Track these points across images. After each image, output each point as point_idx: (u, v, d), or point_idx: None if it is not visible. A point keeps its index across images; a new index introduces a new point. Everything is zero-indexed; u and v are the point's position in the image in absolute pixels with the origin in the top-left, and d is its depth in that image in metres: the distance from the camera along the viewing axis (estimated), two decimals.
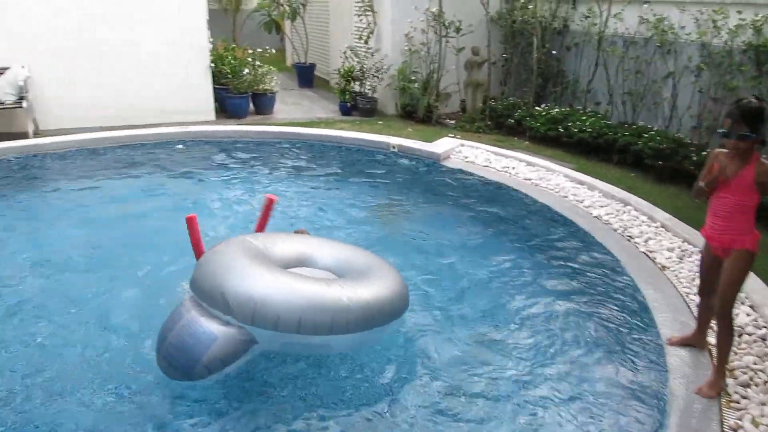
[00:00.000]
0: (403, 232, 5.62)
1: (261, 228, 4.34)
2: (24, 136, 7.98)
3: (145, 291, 4.29)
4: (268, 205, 4.31)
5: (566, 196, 6.15)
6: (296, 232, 4.45)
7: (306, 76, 12.84)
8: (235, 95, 9.39)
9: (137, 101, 8.85)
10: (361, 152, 7.98)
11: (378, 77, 9.89)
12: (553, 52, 9.21)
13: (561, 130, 8.15)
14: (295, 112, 10.12)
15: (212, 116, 9.29)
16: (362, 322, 3.05)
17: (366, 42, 10.04)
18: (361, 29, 10.25)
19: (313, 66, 13.01)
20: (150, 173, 7.09)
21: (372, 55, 9.92)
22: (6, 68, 7.95)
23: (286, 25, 13.62)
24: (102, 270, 4.63)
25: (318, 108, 10.66)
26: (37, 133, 8.16)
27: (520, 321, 4.08)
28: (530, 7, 9.35)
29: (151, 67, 8.83)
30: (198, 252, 4.09)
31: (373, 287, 3.20)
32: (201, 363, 2.91)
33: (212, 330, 2.95)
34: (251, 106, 9.75)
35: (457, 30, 9.36)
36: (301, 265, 3.49)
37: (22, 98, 7.84)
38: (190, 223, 4.10)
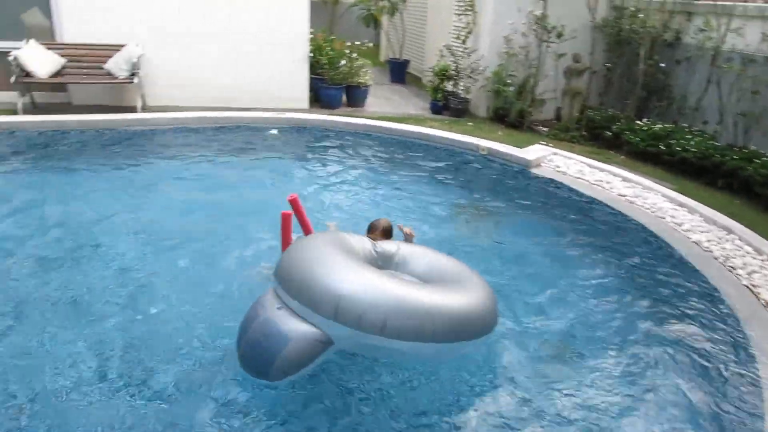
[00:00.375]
0: (486, 237, 5.53)
1: (307, 229, 4.37)
2: (132, 110, 8.47)
3: (229, 264, 4.49)
4: (295, 207, 4.35)
5: (663, 217, 5.83)
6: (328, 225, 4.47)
7: (399, 72, 12.87)
8: (330, 86, 9.54)
9: (237, 85, 9.17)
10: (450, 152, 7.91)
11: (472, 78, 9.76)
12: (662, 64, 8.75)
13: (662, 147, 7.74)
14: (386, 107, 10.17)
15: (306, 105, 9.48)
16: (449, 333, 2.91)
17: (463, 42, 9.93)
18: (459, 28, 10.14)
19: (406, 62, 13.03)
20: (243, 155, 7.34)
21: (468, 56, 9.80)
22: (122, 45, 8.43)
23: (384, 20, 13.68)
24: (191, 242, 4.85)
25: (409, 104, 10.66)
26: (144, 108, 8.63)
27: (605, 342, 3.90)
28: (640, 16, 8.92)
29: (253, 53, 9.11)
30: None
31: (464, 298, 3.06)
32: (275, 366, 2.83)
33: (286, 331, 2.84)
34: (344, 97, 9.87)
35: (560, 35, 9.07)
36: (391, 268, 3.41)
37: (134, 74, 8.31)
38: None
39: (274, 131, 8.21)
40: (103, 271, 4.32)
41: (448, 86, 10.14)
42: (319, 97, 9.68)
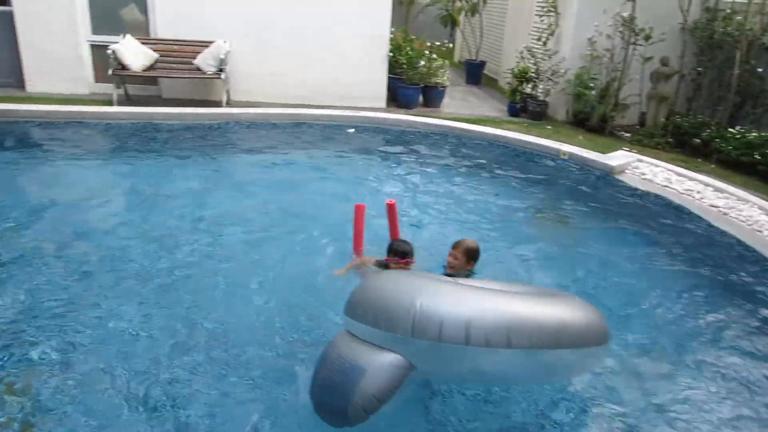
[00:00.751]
0: (568, 244, 5.38)
1: (395, 234, 4.37)
2: (218, 104, 8.78)
3: (297, 258, 4.59)
4: (391, 211, 4.33)
5: (760, 231, 5.52)
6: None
7: (474, 73, 12.76)
8: (407, 86, 9.57)
9: (317, 83, 9.34)
10: (529, 156, 7.78)
11: (553, 80, 9.56)
12: (759, 69, 8.29)
13: (758, 156, 7.33)
14: (462, 108, 10.10)
15: (383, 104, 9.55)
16: (545, 337, 2.63)
17: (544, 43, 9.73)
18: (540, 30, 9.95)
19: (483, 63, 12.90)
20: (321, 151, 7.46)
21: (549, 58, 9.60)
22: (210, 42, 8.75)
23: (462, 20, 13.60)
24: (271, 234, 5.00)
25: (485, 106, 10.55)
26: (229, 103, 8.92)
27: (697, 358, 3.73)
28: (737, 18, 8.48)
29: (334, 52, 9.25)
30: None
31: (560, 300, 2.89)
32: (353, 403, 2.49)
33: (361, 362, 2.54)
34: (420, 97, 9.87)
35: (647, 38, 8.75)
36: None
37: (221, 70, 8.60)
38: (358, 211, 4.24)
39: (352, 130, 8.31)
40: (188, 258, 4.49)
41: (527, 89, 9.97)
42: (396, 97, 9.72)
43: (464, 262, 3.84)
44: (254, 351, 3.45)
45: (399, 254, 3.99)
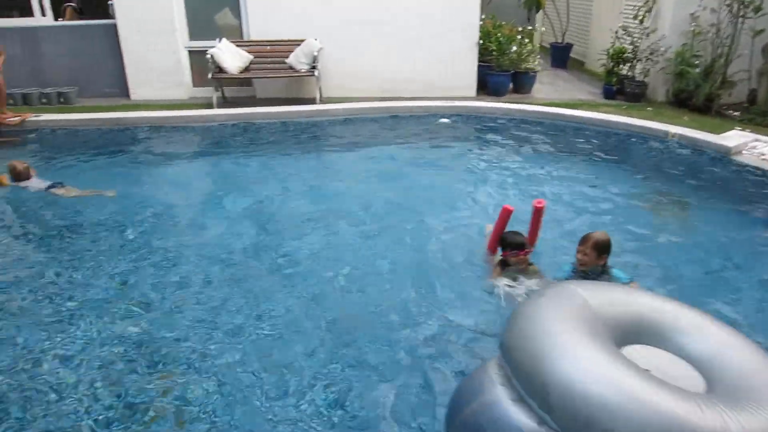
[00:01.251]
0: (687, 231, 5.12)
1: (533, 237, 4.25)
2: (312, 101, 8.93)
3: (411, 251, 4.60)
4: (537, 213, 4.20)
5: None
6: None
7: (561, 57, 12.39)
8: (497, 72, 9.41)
9: (407, 74, 9.33)
10: (632, 139, 7.48)
11: (651, 60, 9.13)
12: None
13: None
14: (554, 93, 9.83)
15: (473, 92, 9.43)
16: None
17: (641, 21, 9.31)
18: (636, 8, 9.52)
19: (569, 46, 12.50)
20: (416, 143, 7.45)
21: (647, 36, 9.18)
22: (301, 40, 8.90)
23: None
24: (375, 226, 5.04)
25: (576, 89, 10.23)
26: (321, 100, 9.06)
27: None
28: None
29: (423, 42, 9.20)
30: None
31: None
32: None
33: (519, 426, 2.16)
34: (510, 84, 9.69)
35: (757, 9, 8.20)
36: (645, 339, 2.37)
37: (313, 67, 8.73)
38: (504, 213, 4.14)
39: (445, 120, 8.26)
40: (303, 253, 4.58)
41: (623, 69, 9.58)
42: (485, 84, 9.57)
43: (595, 257, 3.64)
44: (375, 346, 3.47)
45: (516, 246, 3.92)
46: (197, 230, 5.04)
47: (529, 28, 10.94)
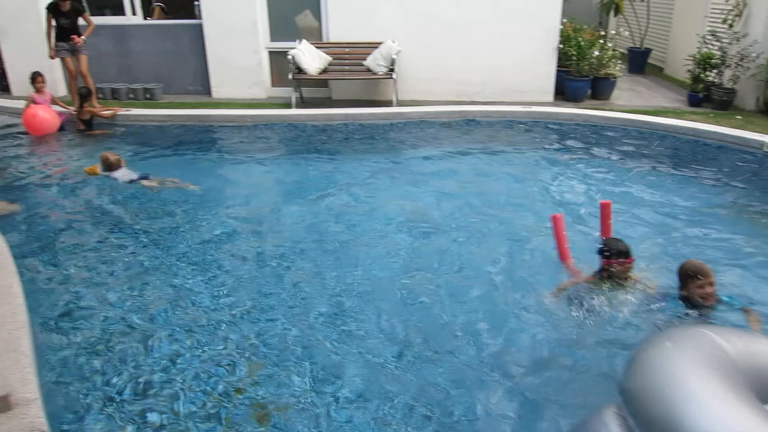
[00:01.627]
0: None
1: (606, 234, 4.13)
2: (387, 104, 8.98)
3: (487, 260, 4.52)
4: (605, 211, 4.08)
5: None
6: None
7: (638, 62, 12.03)
8: (576, 77, 9.22)
9: (483, 78, 9.25)
10: (723, 149, 7.17)
11: (742, 66, 8.75)
12: None
13: None
14: (635, 99, 9.55)
15: (551, 98, 9.28)
16: None
17: (730, 26, 8.93)
18: (725, 11, 9.14)
19: (648, 51, 12.12)
20: (493, 148, 7.37)
21: (737, 41, 8.80)
22: (379, 43, 8.95)
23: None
24: (448, 231, 5.03)
25: (657, 96, 9.91)
26: (397, 102, 9.09)
27: None
28: None
29: (501, 46, 9.11)
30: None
31: None
32: None
33: None
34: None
35: None
36: None
37: (391, 70, 8.78)
38: (556, 223, 4.07)
39: (522, 125, 8.15)
40: (375, 259, 4.57)
41: (710, 76, 9.21)
42: (563, 89, 9.40)
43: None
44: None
45: (621, 254, 3.79)
46: (277, 228, 5.15)
47: (603, 33, 10.67)
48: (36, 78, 7.85)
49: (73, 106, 8.14)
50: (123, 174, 6.17)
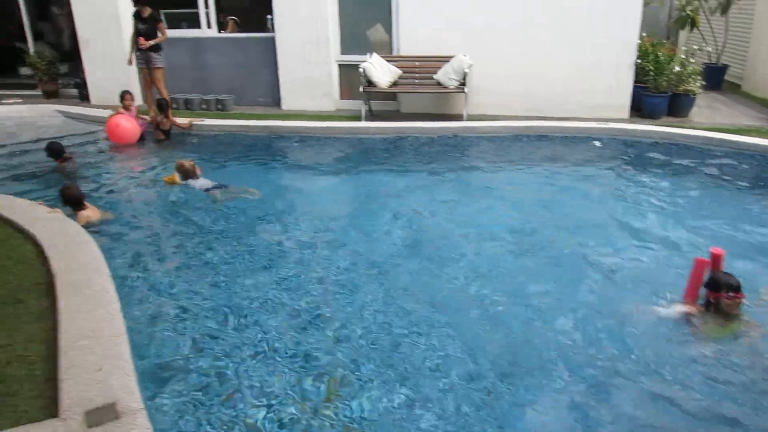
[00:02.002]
0: None
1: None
2: (456, 118, 8.90)
3: (566, 283, 4.36)
4: (715, 262, 3.78)
5: None
6: None
7: (715, 78, 11.56)
8: (654, 93, 8.93)
9: (556, 93, 9.08)
10: None
11: None
12: None
13: None
14: (715, 117, 9.19)
15: (626, 114, 9.01)
16: None
17: None
18: None
19: (724, 67, 11.67)
20: (566, 166, 7.19)
21: None
22: (450, 57, 8.89)
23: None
24: (521, 251, 4.88)
25: (739, 114, 9.50)
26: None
27: None
28: None
29: (575, 61, 8.91)
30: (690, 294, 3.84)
31: None
32: None
33: None
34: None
35: None
36: None
37: (462, 84, 8.70)
38: (698, 266, 3.80)
39: (597, 143, 7.92)
40: (463, 275, 4.48)
41: None
42: (639, 106, 9.11)
43: None
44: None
45: (732, 288, 3.60)
46: (346, 241, 5.10)
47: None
48: (125, 96, 8.21)
49: (149, 116, 8.40)
50: (200, 183, 6.27)
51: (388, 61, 9.07)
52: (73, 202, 5.09)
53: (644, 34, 8.90)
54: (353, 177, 7.03)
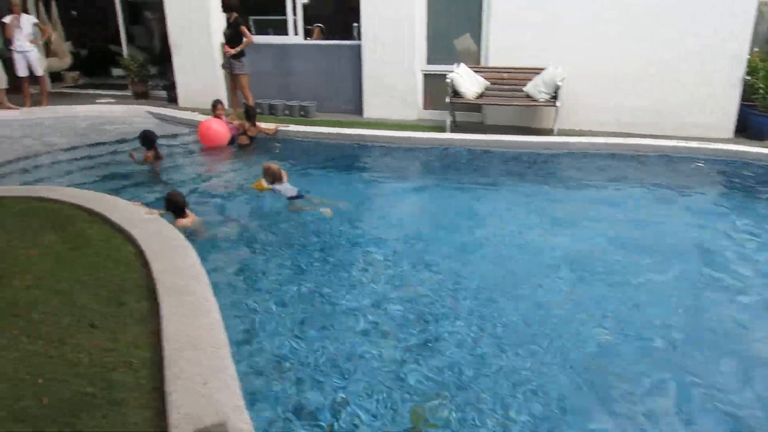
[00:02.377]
0: None
1: None
2: (546, 132, 8.56)
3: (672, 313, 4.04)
4: None
5: None
6: None
7: None
8: (763, 113, 8.29)
9: (651, 109, 8.57)
10: None
11: None
12: None
13: None
14: None
15: (730, 134, 8.40)
16: None
17: None
18: None
19: None
20: (664, 187, 6.66)
21: None
22: (541, 69, 8.56)
23: None
24: (619, 275, 4.57)
25: None
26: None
27: None
28: None
29: (673, 76, 8.39)
30: None
31: None
32: None
33: None
34: None
35: None
36: None
37: (554, 97, 8.34)
38: None
39: (701, 163, 7.40)
40: (547, 296, 4.22)
41: None
42: (745, 126, 8.49)
43: None
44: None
45: None
46: (430, 255, 4.90)
47: None
48: (216, 105, 8.40)
49: (236, 122, 8.50)
50: (286, 189, 6.22)
51: (475, 71, 8.84)
52: (176, 209, 5.11)
53: (756, 49, 8.28)
54: (438, 190, 6.80)
